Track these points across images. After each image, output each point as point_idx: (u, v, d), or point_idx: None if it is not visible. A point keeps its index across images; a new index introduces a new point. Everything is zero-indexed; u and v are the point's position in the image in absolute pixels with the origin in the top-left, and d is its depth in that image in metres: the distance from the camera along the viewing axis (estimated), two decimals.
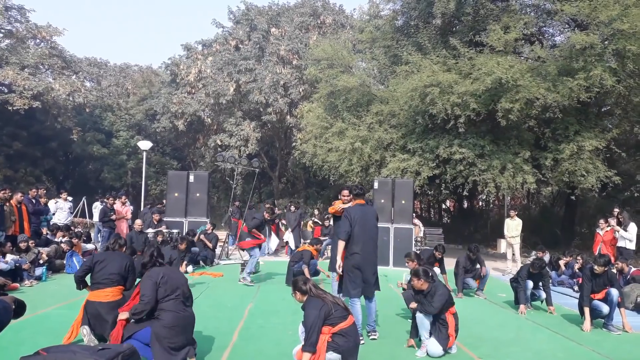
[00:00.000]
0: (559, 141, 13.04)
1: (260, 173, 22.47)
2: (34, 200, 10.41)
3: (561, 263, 10.24)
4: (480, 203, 26.64)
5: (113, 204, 11.98)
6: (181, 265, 9.52)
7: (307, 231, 15.24)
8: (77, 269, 5.43)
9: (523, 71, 12.28)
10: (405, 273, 7.44)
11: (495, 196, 17.41)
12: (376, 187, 12.36)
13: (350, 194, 5.91)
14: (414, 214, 13.02)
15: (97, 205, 14.22)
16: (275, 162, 26.77)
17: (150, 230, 11.20)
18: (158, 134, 27.86)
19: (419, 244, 13.24)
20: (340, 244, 5.47)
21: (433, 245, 10.95)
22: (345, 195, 6.33)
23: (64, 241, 9.85)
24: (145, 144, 18.94)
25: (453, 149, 13.20)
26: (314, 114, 17.35)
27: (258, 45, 23.34)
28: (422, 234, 14.00)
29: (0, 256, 7.68)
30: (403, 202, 12.13)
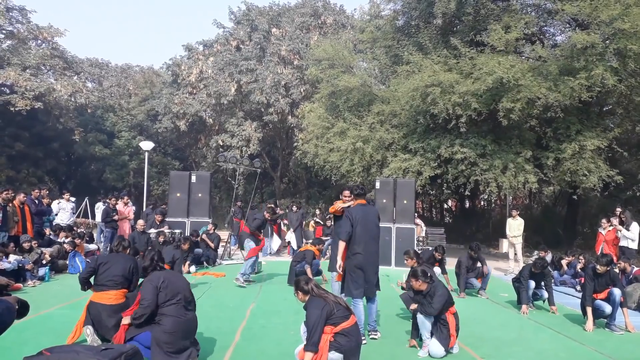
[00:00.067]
0: (560, 141, 13.03)
1: (262, 173, 22.47)
2: (36, 201, 10.43)
3: (563, 263, 10.24)
4: (482, 203, 26.61)
5: (115, 205, 12.01)
6: (184, 265, 9.55)
7: (309, 231, 15.26)
8: (82, 270, 5.46)
9: (524, 71, 12.27)
10: (405, 273, 7.44)
11: (497, 196, 17.35)
12: (378, 187, 12.38)
13: (352, 194, 5.90)
14: (415, 214, 13.04)
15: (100, 205, 14.26)
16: (276, 162, 26.78)
17: (152, 231, 11.23)
18: (160, 135, 27.92)
19: (421, 243, 13.25)
20: (340, 245, 5.46)
21: (435, 245, 10.97)
22: (347, 196, 6.34)
23: (66, 242, 9.88)
24: (147, 145, 18.97)
25: (454, 149, 13.20)
26: (315, 114, 17.34)
27: (259, 46, 23.34)
28: (424, 233, 14.02)
29: (3, 256, 7.70)
30: (405, 202, 12.17)
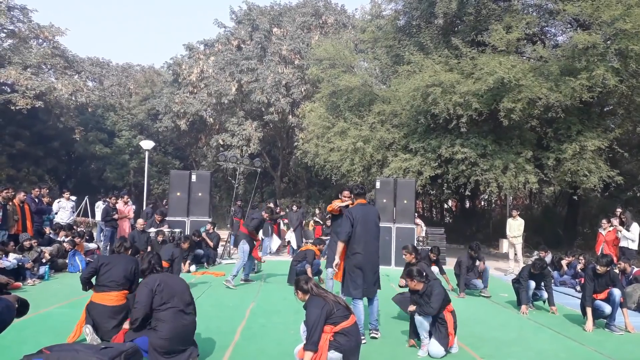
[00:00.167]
0: (561, 141, 13.02)
1: (262, 173, 22.49)
2: (36, 200, 10.44)
3: (563, 263, 10.23)
4: (483, 203, 26.63)
5: (115, 204, 12.01)
6: (184, 264, 9.54)
7: (309, 231, 15.26)
8: (84, 270, 5.45)
9: (525, 71, 12.26)
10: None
11: (497, 196, 17.37)
12: (378, 187, 12.38)
13: (352, 193, 5.90)
14: (416, 214, 13.03)
15: (100, 204, 14.25)
16: (277, 162, 26.78)
17: (152, 230, 11.22)
18: (160, 134, 27.91)
19: (421, 243, 13.24)
20: (339, 245, 5.44)
21: (435, 244, 10.97)
22: (346, 196, 6.34)
23: (66, 240, 9.88)
24: (147, 144, 18.97)
25: (455, 149, 13.19)
26: (316, 113, 17.34)
27: (260, 45, 23.34)
28: (424, 233, 14.00)
29: (3, 255, 7.70)
30: (405, 202, 12.17)
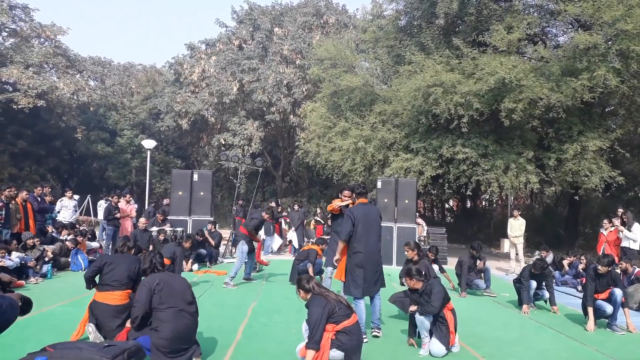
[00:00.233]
0: (562, 141, 13.03)
1: (264, 172, 22.50)
2: (39, 199, 10.47)
3: (564, 263, 10.24)
4: (484, 203, 26.63)
5: (117, 202, 12.04)
6: (186, 263, 9.56)
7: (310, 230, 15.28)
8: (87, 269, 5.47)
9: (526, 71, 12.27)
10: None
11: (498, 196, 17.39)
12: (379, 187, 12.39)
13: (354, 192, 5.90)
14: (417, 214, 13.05)
15: (102, 203, 14.29)
16: (278, 161, 26.80)
17: (154, 229, 11.24)
18: (162, 133, 27.95)
19: (422, 243, 13.26)
20: (340, 244, 5.45)
21: (436, 244, 10.97)
22: (346, 195, 6.35)
23: (68, 239, 9.91)
24: (149, 143, 18.98)
25: (456, 149, 13.20)
26: (317, 113, 17.36)
27: (261, 45, 23.36)
28: (425, 233, 14.01)
29: (5, 254, 7.73)
30: (406, 202, 12.19)
